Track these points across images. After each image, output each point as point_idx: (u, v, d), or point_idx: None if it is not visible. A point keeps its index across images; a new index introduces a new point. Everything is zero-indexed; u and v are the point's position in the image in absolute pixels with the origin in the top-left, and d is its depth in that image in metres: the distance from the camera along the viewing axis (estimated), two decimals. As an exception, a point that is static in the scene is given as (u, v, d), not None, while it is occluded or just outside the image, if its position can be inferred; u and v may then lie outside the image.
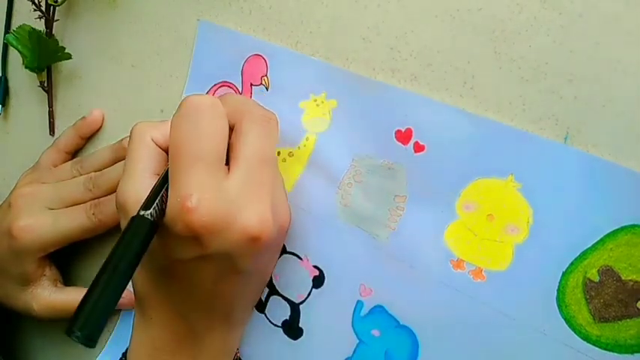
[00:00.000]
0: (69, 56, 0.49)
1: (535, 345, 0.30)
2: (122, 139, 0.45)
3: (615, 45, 0.29)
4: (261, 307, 0.39)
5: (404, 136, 0.34)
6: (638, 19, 0.29)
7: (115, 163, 0.44)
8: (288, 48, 0.39)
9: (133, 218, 0.30)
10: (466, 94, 0.33)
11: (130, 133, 0.35)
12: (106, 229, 0.44)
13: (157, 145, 0.35)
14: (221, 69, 0.41)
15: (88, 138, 0.48)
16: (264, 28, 0.40)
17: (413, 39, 0.35)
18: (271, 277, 0.39)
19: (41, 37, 0.47)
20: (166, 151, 0.35)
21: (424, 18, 0.34)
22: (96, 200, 0.43)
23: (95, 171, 0.45)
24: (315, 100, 0.38)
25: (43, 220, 0.43)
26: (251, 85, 0.40)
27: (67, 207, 0.44)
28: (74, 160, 0.47)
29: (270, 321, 0.38)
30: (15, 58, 0.48)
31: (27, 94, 0.53)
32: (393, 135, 0.35)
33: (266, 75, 0.39)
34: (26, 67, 0.48)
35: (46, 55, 0.48)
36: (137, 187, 0.33)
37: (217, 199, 0.30)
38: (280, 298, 0.38)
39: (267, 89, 0.39)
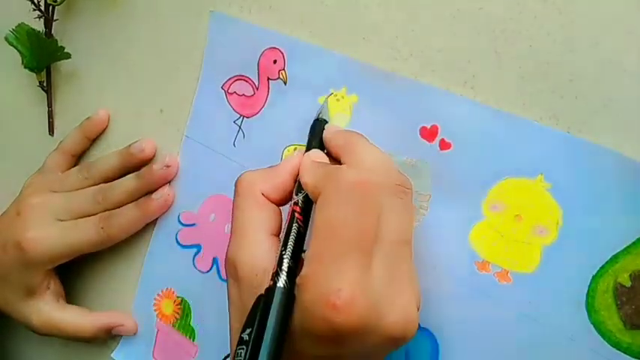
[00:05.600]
0: (68, 56, 0.48)
1: (562, 351, 0.30)
2: (130, 145, 0.44)
3: (615, 45, 0.29)
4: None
5: (429, 133, 0.33)
6: (638, 19, 0.29)
7: (123, 169, 0.44)
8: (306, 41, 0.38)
9: (268, 289, 0.27)
10: (466, 94, 0.33)
11: (236, 185, 0.33)
12: (114, 242, 0.43)
13: (267, 199, 0.32)
14: (236, 62, 0.40)
15: (94, 139, 0.48)
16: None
17: (413, 39, 0.34)
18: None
19: (40, 36, 0.47)
20: (277, 204, 0.32)
21: (424, 18, 0.34)
22: (106, 213, 0.43)
23: (103, 178, 0.44)
24: (336, 95, 0.37)
25: (53, 233, 0.42)
26: (268, 79, 0.39)
27: (76, 218, 0.43)
28: (80, 165, 0.47)
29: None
30: (14, 57, 0.48)
31: (26, 94, 0.52)
32: (418, 131, 0.34)
33: (284, 68, 0.39)
34: (25, 67, 0.48)
35: (45, 55, 0.48)
36: (252, 250, 0.30)
37: (365, 297, 0.26)
38: (296, 297, 0.37)
39: (284, 83, 0.39)
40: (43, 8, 0.48)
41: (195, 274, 0.42)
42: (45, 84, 0.50)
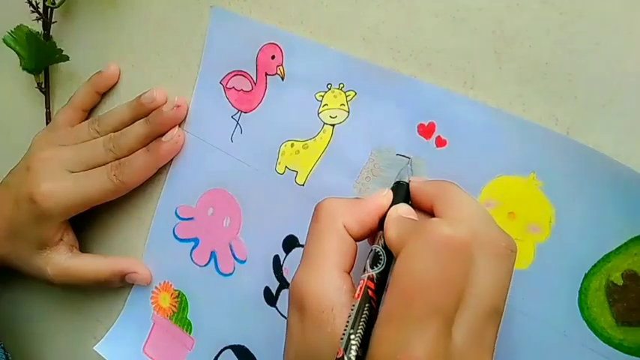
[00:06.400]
0: (66, 58, 0.48)
1: (555, 346, 0.30)
2: (140, 96, 0.43)
3: (615, 45, 0.29)
4: (271, 300, 0.38)
5: (426, 130, 0.34)
6: (638, 19, 0.29)
7: (134, 121, 0.43)
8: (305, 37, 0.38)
9: None
10: (466, 94, 0.33)
11: (317, 210, 0.30)
12: (127, 190, 0.43)
13: (349, 233, 0.29)
14: (235, 57, 0.41)
15: (104, 94, 0.48)
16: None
17: (413, 39, 0.35)
18: (281, 271, 0.38)
19: (38, 39, 0.47)
20: (355, 239, 0.30)
21: (424, 18, 0.34)
22: (117, 161, 0.42)
23: (114, 130, 0.44)
24: (333, 92, 0.37)
25: (65, 184, 0.42)
26: (266, 74, 0.39)
27: (87, 169, 0.43)
28: (90, 119, 0.46)
29: (281, 314, 0.38)
30: (13, 59, 0.48)
31: (25, 96, 0.52)
32: (415, 128, 0.34)
33: (282, 64, 0.39)
34: (24, 69, 0.48)
35: (43, 57, 0.48)
36: (323, 285, 0.27)
37: None
38: (292, 292, 0.37)
39: (282, 79, 0.39)
40: (41, 10, 0.48)
41: (193, 267, 0.42)
42: (43, 85, 0.50)
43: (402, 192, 0.31)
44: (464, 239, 0.25)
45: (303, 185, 0.37)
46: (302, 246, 0.37)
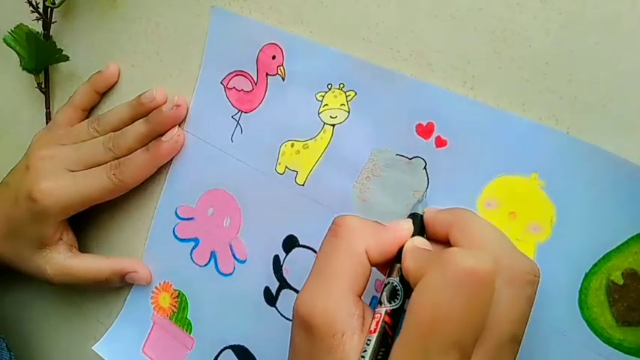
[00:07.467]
0: (66, 58, 0.48)
1: (555, 346, 0.30)
2: (140, 95, 0.43)
3: (615, 45, 0.29)
4: (272, 300, 0.38)
5: (425, 130, 0.34)
6: (638, 19, 0.29)
7: (134, 120, 0.43)
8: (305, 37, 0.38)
9: None
10: (466, 94, 0.33)
11: (337, 226, 0.29)
12: (127, 189, 0.43)
13: (369, 258, 0.28)
14: (235, 57, 0.41)
15: (104, 93, 0.48)
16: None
17: (413, 39, 0.35)
18: (282, 271, 0.38)
19: (39, 39, 0.47)
20: (371, 264, 0.29)
21: (424, 18, 0.34)
22: (116, 161, 0.42)
23: (113, 130, 0.44)
24: (333, 92, 0.37)
25: (64, 183, 0.42)
26: (266, 74, 0.39)
27: (87, 168, 0.43)
28: (90, 118, 0.46)
29: (281, 314, 0.38)
30: (13, 59, 0.48)
31: (25, 96, 0.52)
32: (414, 128, 0.34)
33: (282, 64, 0.39)
34: (24, 69, 0.48)
35: (43, 57, 0.48)
36: (335, 309, 0.26)
37: None
38: (292, 291, 0.37)
39: (283, 79, 0.39)
40: (41, 10, 0.48)
41: (193, 267, 0.42)
42: (43, 85, 0.50)
43: (417, 224, 0.30)
44: (487, 271, 0.23)
45: (303, 185, 0.37)
46: (302, 246, 0.37)
